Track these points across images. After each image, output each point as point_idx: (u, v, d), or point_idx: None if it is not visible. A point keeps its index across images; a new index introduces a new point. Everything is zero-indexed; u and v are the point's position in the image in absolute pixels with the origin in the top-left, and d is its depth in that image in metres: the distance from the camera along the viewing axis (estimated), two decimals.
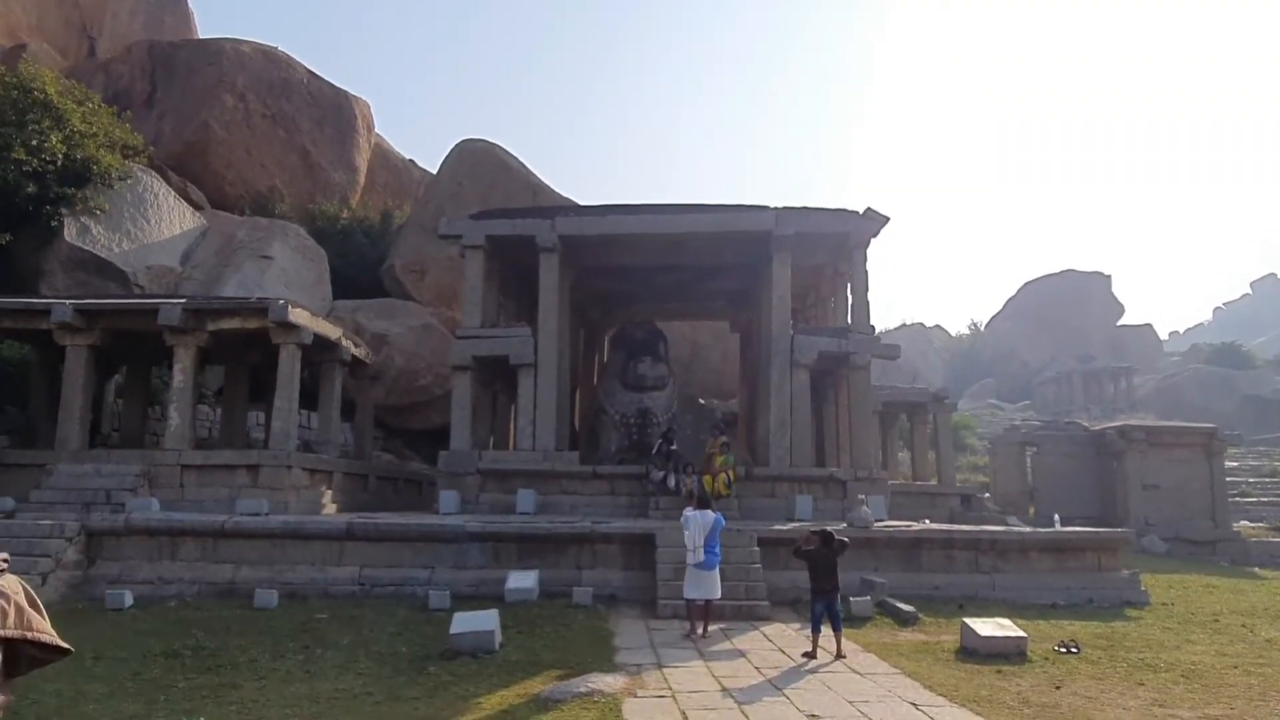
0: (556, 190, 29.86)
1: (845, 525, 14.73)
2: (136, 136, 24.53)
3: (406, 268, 28.67)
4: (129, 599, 12.60)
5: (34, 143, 19.74)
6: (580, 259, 20.49)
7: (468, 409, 18.66)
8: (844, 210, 19.36)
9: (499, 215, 20.03)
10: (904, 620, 12.50)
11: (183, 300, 17.52)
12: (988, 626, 10.84)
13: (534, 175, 30.19)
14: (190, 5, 39.85)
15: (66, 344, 17.10)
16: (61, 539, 13.60)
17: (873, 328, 19.20)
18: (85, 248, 21.60)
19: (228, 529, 14.10)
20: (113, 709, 7.53)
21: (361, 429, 22.13)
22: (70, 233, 21.34)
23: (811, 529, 11.25)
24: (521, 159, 30.61)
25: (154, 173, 25.36)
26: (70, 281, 21.33)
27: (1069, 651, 10.73)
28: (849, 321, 19.60)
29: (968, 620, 11.16)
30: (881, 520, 16.10)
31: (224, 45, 31.15)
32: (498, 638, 10.12)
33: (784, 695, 8.46)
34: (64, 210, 21.17)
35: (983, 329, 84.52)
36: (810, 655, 9.98)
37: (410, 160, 39.76)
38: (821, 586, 10.31)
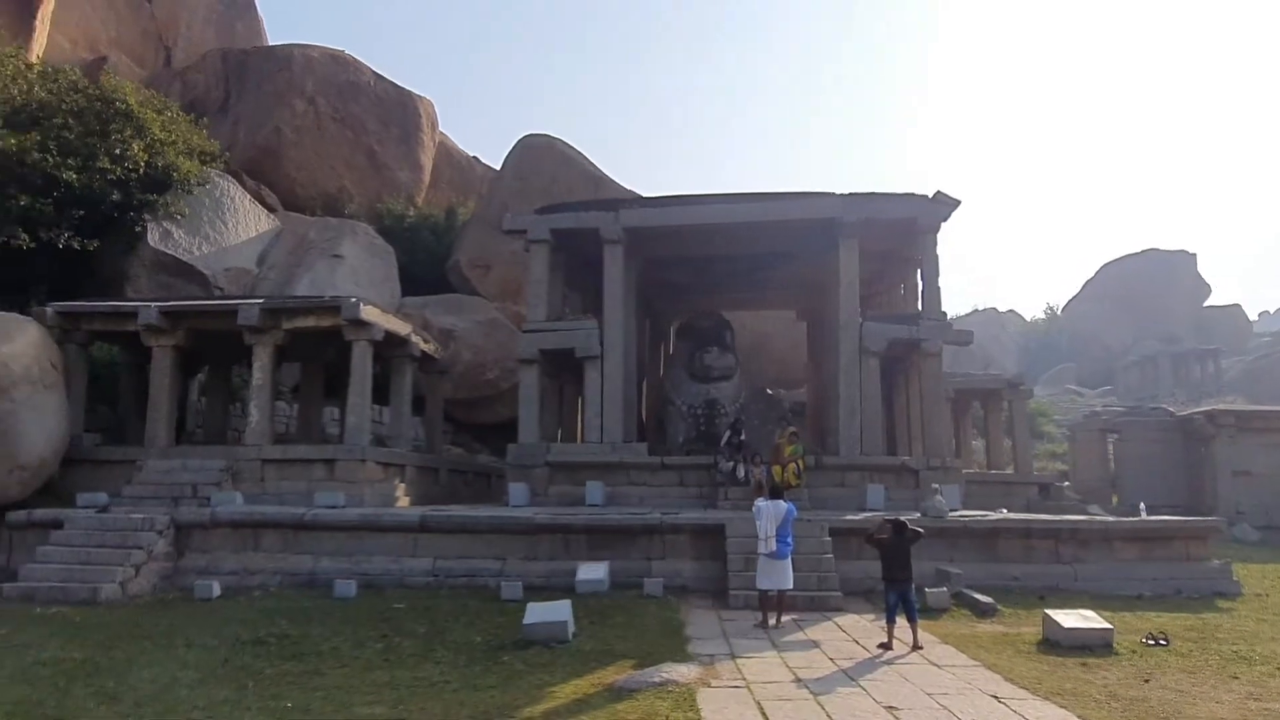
0: (618, 182, 29.90)
1: (919, 515, 14.46)
2: (213, 143, 25.30)
3: (472, 263, 29.05)
4: (217, 589, 13.06)
5: (117, 151, 20.51)
6: (644, 250, 20.47)
7: (535, 402, 18.83)
8: (912, 195, 18.94)
9: (562, 209, 20.13)
10: (982, 611, 12.22)
11: (260, 300, 18.03)
12: (1071, 618, 10.53)
13: (596, 168, 30.28)
14: (260, 12, 40.98)
15: (153, 345, 17.76)
16: (152, 532, 14.14)
17: (944, 313, 18.75)
18: (167, 251, 22.40)
19: (307, 521, 14.49)
20: (205, 694, 7.80)
21: (431, 423, 22.51)
22: (153, 237, 22.14)
23: (885, 517, 11.06)
24: (583, 152, 30.74)
25: (230, 177, 26.17)
26: (154, 284, 22.15)
27: (1158, 644, 10.34)
28: (919, 308, 19.19)
29: (1050, 611, 10.86)
30: (956, 510, 15.76)
31: (293, 51, 31.94)
32: (570, 628, 10.20)
33: (860, 686, 8.34)
34: (147, 216, 21.97)
35: (1059, 313, 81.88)
36: (886, 646, 9.84)
37: (474, 157, 40.23)
38: (895, 576, 10.15)
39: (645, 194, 26.03)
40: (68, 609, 12.11)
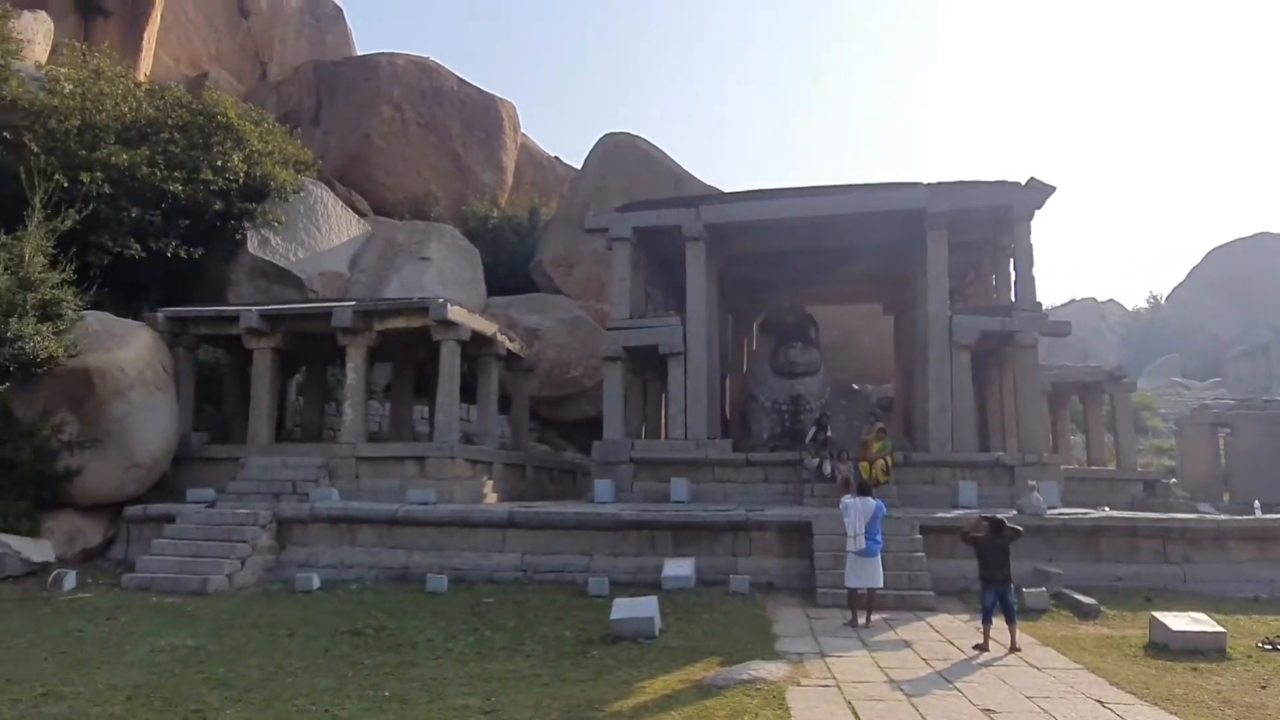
0: (699, 178, 29.83)
1: (1015, 512, 13.99)
2: (306, 152, 26.25)
3: (555, 262, 29.40)
4: (316, 581, 13.55)
5: (219, 163, 21.47)
6: (726, 246, 20.35)
7: (619, 399, 18.94)
8: (1003, 182, 18.33)
9: (643, 206, 20.18)
10: (1084, 613, 11.76)
11: (353, 303, 18.61)
12: (1181, 620, 10.04)
13: (676, 164, 30.27)
14: (348, 23, 42.32)
15: (254, 347, 18.54)
16: (256, 526, 14.77)
17: (1039, 304, 18.09)
18: (266, 258, 23.35)
19: (400, 517, 14.90)
20: (309, 682, 8.10)
21: (518, 421, 22.87)
22: (253, 244, 23.11)
23: (982, 515, 10.71)
24: (664, 149, 30.77)
25: (323, 184, 27.12)
26: (253, 289, 23.11)
27: (1275, 649, 9.78)
28: (1013, 299, 18.56)
29: (1157, 614, 10.39)
30: (1054, 507, 15.18)
31: (380, 60, 32.89)
32: (657, 624, 10.22)
33: (955, 688, 8.12)
34: (246, 224, 22.95)
35: (1163, 301, 78.09)
36: (982, 648, 9.57)
37: (555, 157, 40.72)
38: (992, 576, 9.85)
39: (727, 189, 25.88)
40: (180, 599, 12.75)
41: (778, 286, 23.94)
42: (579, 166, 34.23)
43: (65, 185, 17.64)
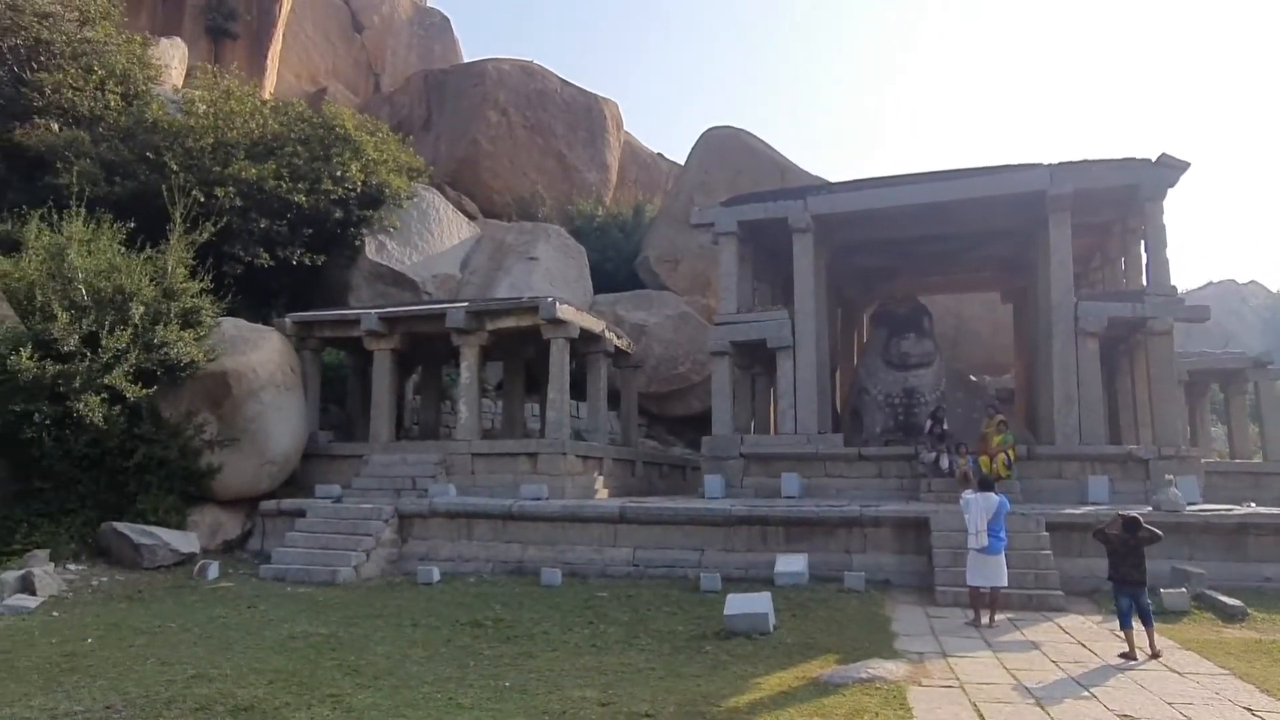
0: (804, 169, 29.33)
1: (1150, 509, 13.22)
2: (418, 159, 27.17)
3: (660, 258, 29.49)
4: (436, 574, 14.02)
5: (338, 173, 22.46)
6: (834, 236, 19.96)
7: (728, 394, 18.85)
8: (1131, 159, 17.34)
9: (749, 200, 20.00)
10: (1229, 615, 11.01)
11: (465, 304, 19.14)
12: None
13: (781, 156, 29.88)
14: (456, 33, 43.54)
15: (374, 349, 19.31)
16: (379, 521, 15.39)
17: (1173, 288, 17.03)
18: (382, 262, 24.28)
19: (514, 512, 15.25)
20: (433, 670, 8.38)
21: (626, 416, 23.05)
22: (370, 250, 24.07)
23: (1119, 512, 10.05)
24: (767, 140, 30.43)
25: (434, 190, 27.99)
26: (372, 293, 24.08)
27: None
28: (1144, 283, 17.54)
29: None
30: (1194, 503, 14.26)
31: (486, 66, 33.71)
32: (771, 620, 10.12)
33: (1089, 692, 7.74)
34: (364, 230, 23.93)
35: None
36: (1128, 656, 8.94)
37: (658, 154, 40.87)
38: (1125, 577, 9.27)
39: (833, 179, 25.39)
40: (311, 589, 13.42)
41: (889, 276, 23.34)
42: (682, 162, 34.23)
43: (201, 200, 18.80)
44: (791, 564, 13.07)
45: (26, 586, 12.09)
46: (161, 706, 7.13)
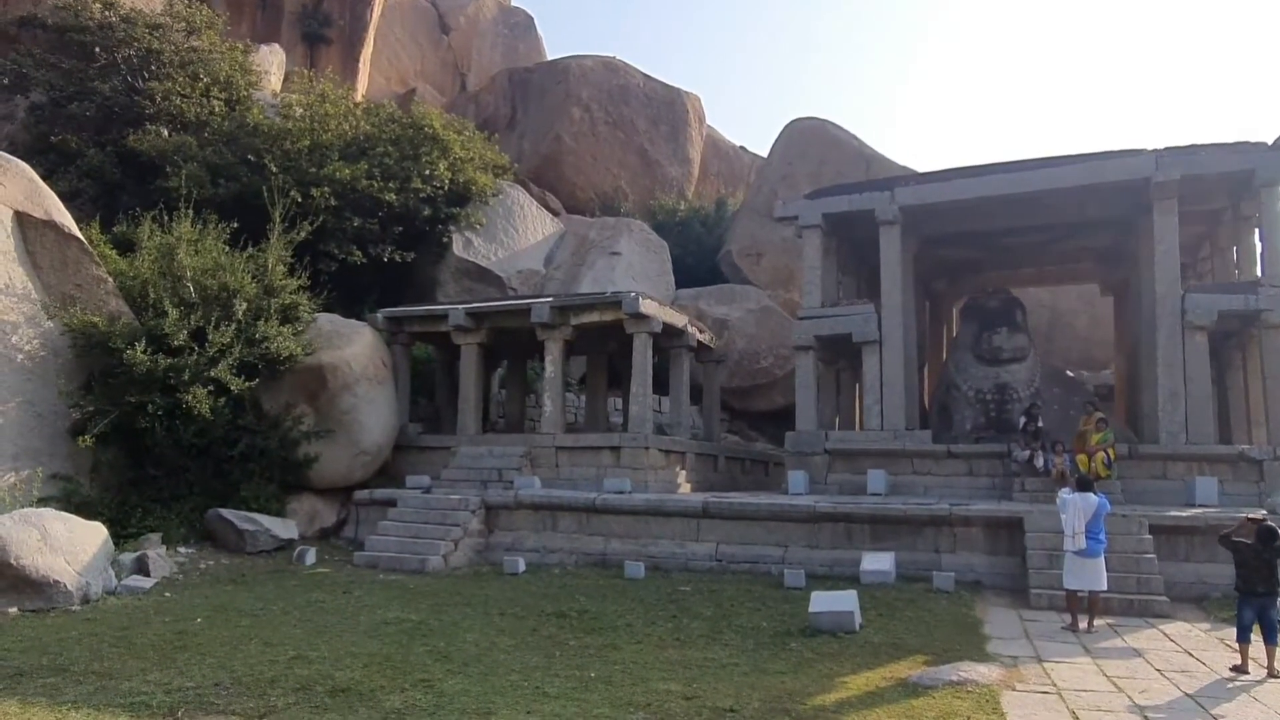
0: (891, 159, 28.74)
1: (1265, 513, 12.49)
2: (503, 156, 27.63)
3: (742, 252, 29.30)
4: (522, 565, 14.26)
5: (427, 172, 23.02)
6: (922, 228, 19.47)
7: (812, 389, 18.61)
8: (1244, 143, 16.41)
9: (834, 192, 19.68)
10: None
11: (550, 299, 19.39)
12: None
13: (867, 146, 29.33)
14: (539, 30, 44.08)
15: (461, 343, 19.73)
16: (467, 511, 15.74)
17: None
18: (469, 259, 24.78)
19: (598, 505, 15.39)
20: (520, 659, 8.54)
21: (709, 411, 22.99)
22: (457, 246, 24.60)
23: (1249, 516, 9.42)
24: (853, 131, 29.90)
25: (518, 186, 28.43)
26: (458, 289, 24.60)
27: None
28: (1258, 274, 16.59)
29: None
30: None
31: (569, 63, 34.04)
32: (858, 618, 9.97)
33: (1195, 702, 7.40)
34: (451, 227, 24.47)
35: None
36: (1240, 669, 8.46)
37: (740, 146, 40.60)
38: (1254, 589, 8.64)
39: (921, 169, 24.78)
40: (402, 576, 13.82)
41: (980, 268, 22.66)
42: (765, 154, 33.91)
43: (299, 200, 19.52)
44: (878, 562, 12.84)
45: (141, 568, 12.79)
46: (265, 685, 7.45)
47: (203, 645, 8.89)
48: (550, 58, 39.83)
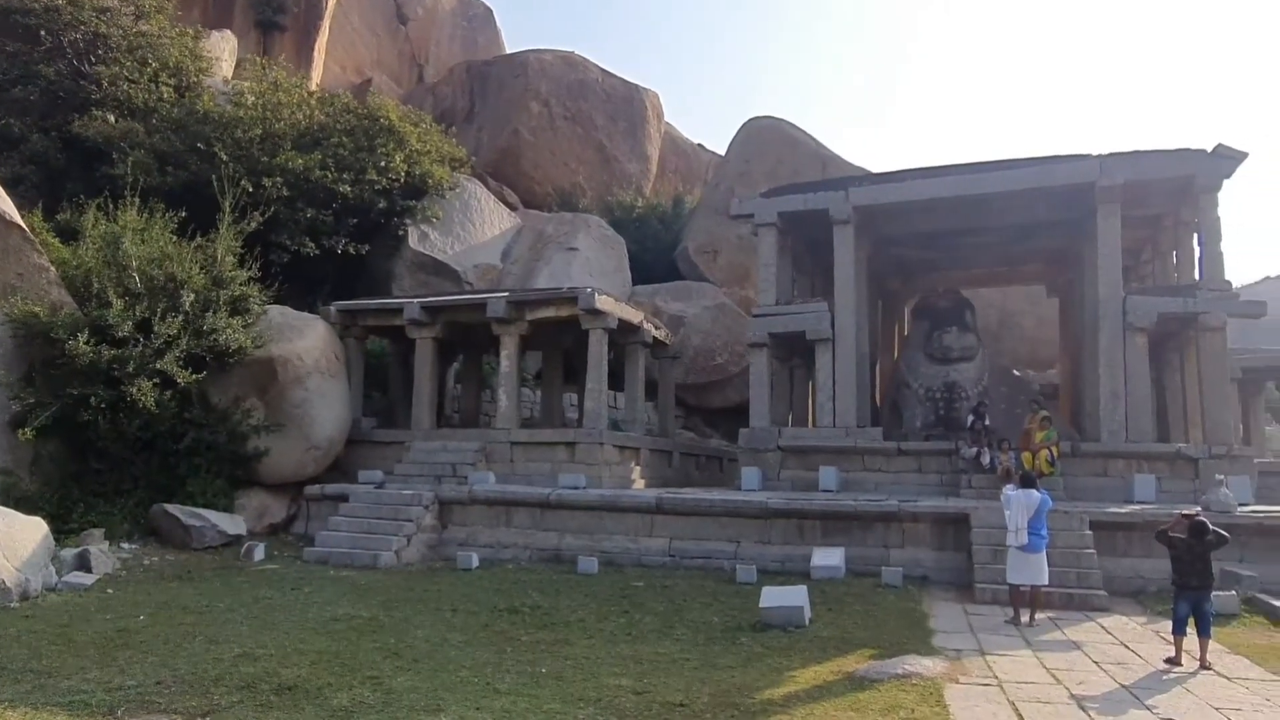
0: (847, 160, 29.09)
1: (1200, 509, 12.91)
2: (461, 149, 27.39)
3: (699, 250, 29.44)
4: (475, 560, 14.21)
5: (382, 164, 22.74)
6: (876, 228, 19.77)
7: (766, 386, 18.79)
8: (1185, 150, 16.91)
9: (789, 191, 19.88)
10: None
11: (505, 294, 19.29)
12: None
13: (823, 147, 29.64)
14: (498, 24, 43.78)
15: (416, 337, 19.56)
16: (420, 507, 15.62)
17: (1228, 283, 16.62)
18: (425, 252, 24.55)
19: (552, 501, 15.38)
20: (471, 655, 8.51)
21: (663, 407, 23.09)
22: (413, 239, 24.36)
23: (1183, 513, 9.74)
24: (809, 132, 30.19)
25: (476, 180, 28.21)
26: (414, 283, 24.37)
27: None
28: (1196, 277, 17.13)
29: None
30: (1246, 504, 13.93)
31: (528, 57, 33.85)
32: (807, 613, 10.11)
33: (1130, 693, 7.63)
34: (407, 220, 24.22)
35: None
36: (1174, 661, 8.69)
37: (698, 144, 40.74)
38: (1188, 583, 8.92)
39: (877, 170, 25.12)
40: (354, 572, 13.67)
41: (932, 269, 23.07)
42: (723, 153, 34.08)
43: (250, 190, 19.17)
44: (828, 558, 13.02)
45: (83, 564, 12.49)
46: (209, 683, 7.34)
47: (145, 643, 8.72)
48: (509, 51, 39.58)
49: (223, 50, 28.10)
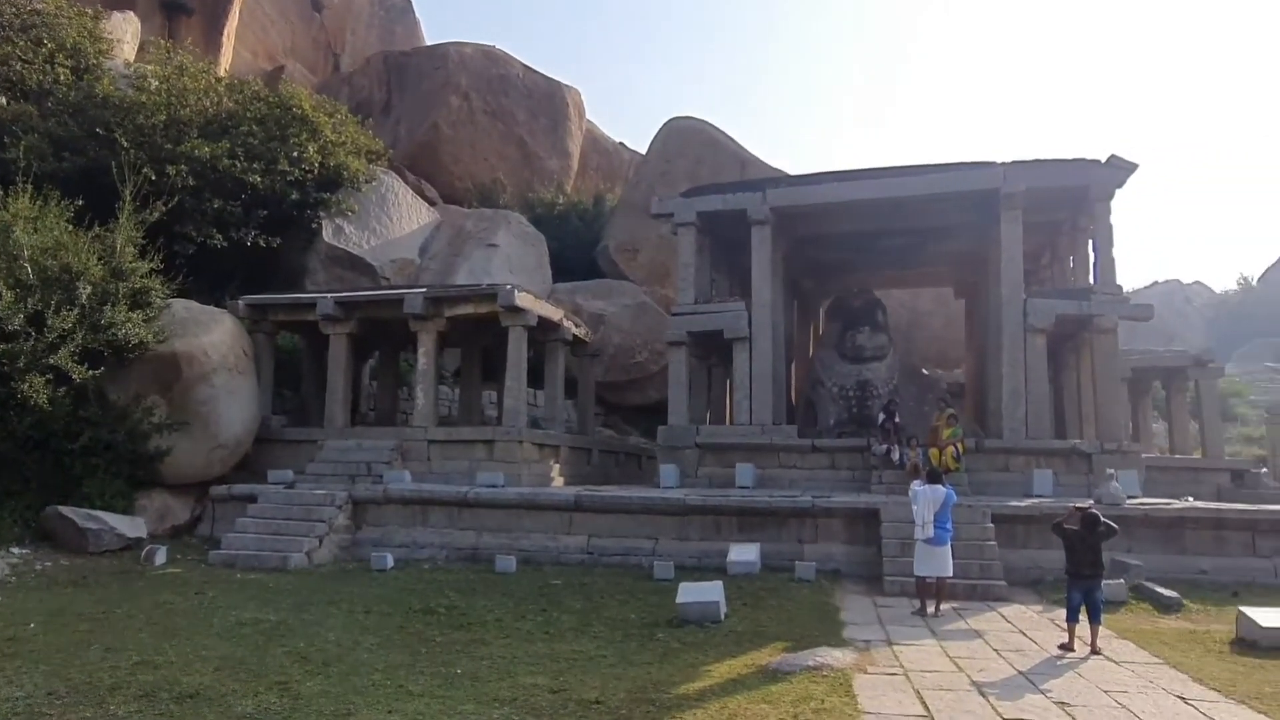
0: (766, 162, 29.54)
1: (1092, 502, 13.59)
2: (377, 141, 26.77)
3: (620, 248, 29.50)
4: (390, 561, 13.95)
5: (295, 154, 22.06)
6: (792, 229, 20.16)
7: (684, 384, 18.97)
8: (1082, 160, 17.76)
9: (709, 191, 20.11)
10: (1165, 606, 11.41)
11: (423, 290, 19.00)
12: (1271, 616, 9.66)
13: (743, 149, 30.03)
14: (417, 14, 42.98)
15: (330, 333, 19.08)
16: (333, 507, 15.26)
17: (1119, 287, 17.51)
18: (340, 246, 23.95)
19: (469, 499, 15.22)
20: (383, 658, 8.37)
21: (583, 405, 23.09)
22: (327, 233, 23.72)
23: (1076, 505, 10.22)
24: (730, 133, 30.56)
25: (393, 174, 27.65)
26: (328, 277, 23.75)
27: None
28: (1091, 281, 18.00)
29: (1245, 609, 10.01)
30: (1134, 497, 14.73)
31: (448, 49, 33.33)
32: (723, 608, 10.26)
33: (1027, 678, 7.99)
34: (321, 213, 23.55)
35: (1255, 283, 74.60)
36: (1067, 647, 9.13)
37: (620, 143, 40.78)
38: (1081, 572, 9.35)
39: (795, 172, 25.60)
40: (262, 575, 13.27)
41: (845, 270, 23.64)
42: (644, 152, 34.21)
43: (153, 178, 18.37)
44: (744, 553, 13.24)
45: None
46: (105, 693, 7.03)
47: (36, 652, 8.30)
48: (429, 43, 38.90)
49: (125, 32, 26.83)
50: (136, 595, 11.41)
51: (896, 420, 17.70)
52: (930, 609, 10.84)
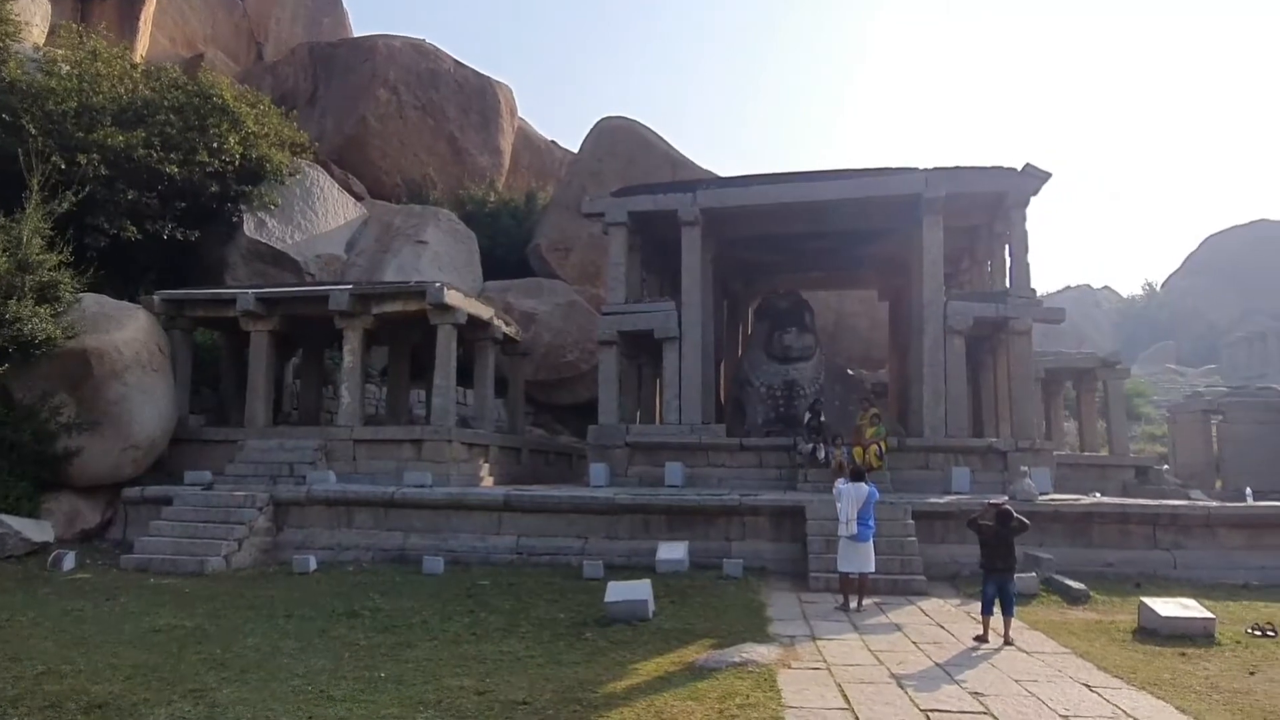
0: (697, 163, 29.78)
1: (1007, 498, 14.10)
2: (302, 134, 26.09)
3: (551, 247, 29.39)
4: (313, 563, 13.65)
5: (215, 145, 21.35)
6: (722, 231, 20.38)
7: (614, 383, 19.01)
8: (999, 168, 18.37)
9: (640, 191, 20.18)
10: (1073, 598, 11.89)
11: (349, 286, 18.63)
12: (1170, 606, 10.15)
13: (674, 150, 30.21)
14: (345, 5, 42.03)
15: (251, 330, 18.57)
16: (253, 508, 14.86)
17: (1033, 291, 18.20)
18: (262, 240, 23.31)
19: (396, 500, 14.99)
20: (305, 663, 8.19)
21: (513, 404, 22.94)
22: (249, 227, 23.07)
23: (990, 501, 10.58)
24: (661, 134, 30.71)
25: (319, 167, 27.02)
26: (250, 272, 23.09)
27: (1265, 635, 9.90)
28: (1007, 285, 18.64)
29: (1146, 599, 10.50)
30: (1046, 493, 15.33)
31: (376, 42, 32.68)
32: (651, 607, 10.33)
33: (943, 670, 8.24)
34: (243, 206, 22.88)
35: (1159, 289, 78.32)
36: (981, 639, 9.45)
37: (552, 141, 40.57)
38: (995, 566, 9.67)
39: (725, 174, 25.87)
40: (178, 580, 12.84)
41: (775, 271, 23.99)
42: (576, 150, 34.13)
43: (62, 167, 17.61)
44: (673, 552, 13.34)
45: None
46: (7, 705, 6.73)
47: None
48: (356, 35, 38.10)
49: (34, 14, 25.60)
50: (43, 602, 10.94)
51: (822, 419, 18.05)
52: (853, 604, 11.09)
